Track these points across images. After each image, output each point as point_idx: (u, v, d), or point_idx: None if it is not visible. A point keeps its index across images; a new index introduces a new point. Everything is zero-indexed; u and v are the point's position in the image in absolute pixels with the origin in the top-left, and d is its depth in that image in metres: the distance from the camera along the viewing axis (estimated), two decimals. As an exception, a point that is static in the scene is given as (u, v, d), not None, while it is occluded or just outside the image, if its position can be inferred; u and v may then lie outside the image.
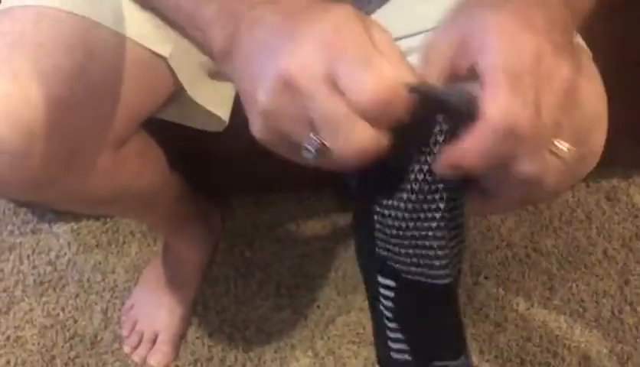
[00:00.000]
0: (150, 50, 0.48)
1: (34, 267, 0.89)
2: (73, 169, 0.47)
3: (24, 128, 0.42)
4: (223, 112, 0.57)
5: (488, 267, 0.88)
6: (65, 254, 0.90)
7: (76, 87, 0.43)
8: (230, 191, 0.93)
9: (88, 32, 0.45)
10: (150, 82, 0.49)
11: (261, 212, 0.93)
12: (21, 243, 0.91)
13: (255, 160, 0.80)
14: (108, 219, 0.93)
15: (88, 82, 0.44)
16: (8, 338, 0.83)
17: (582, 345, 0.82)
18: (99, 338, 0.83)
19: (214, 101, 0.56)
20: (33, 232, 0.92)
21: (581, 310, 0.85)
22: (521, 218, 0.92)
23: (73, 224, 0.92)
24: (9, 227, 0.92)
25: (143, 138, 0.58)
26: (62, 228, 0.92)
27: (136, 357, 0.81)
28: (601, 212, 0.93)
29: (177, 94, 0.53)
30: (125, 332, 0.83)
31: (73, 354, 0.82)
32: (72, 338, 0.83)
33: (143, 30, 0.47)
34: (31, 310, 0.85)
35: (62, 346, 0.82)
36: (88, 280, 0.87)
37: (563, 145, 0.32)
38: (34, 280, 0.87)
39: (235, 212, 0.93)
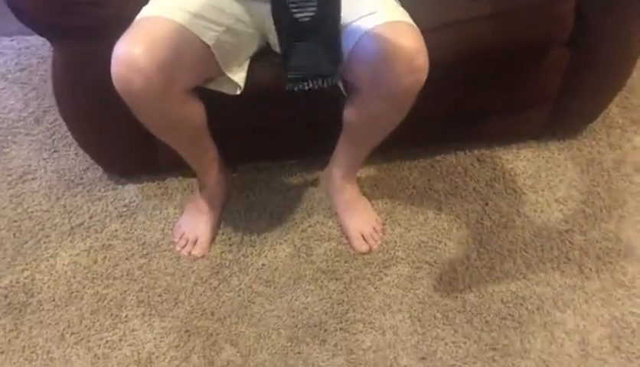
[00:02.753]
0: (200, 39, 1.01)
1: (115, 208, 1.40)
2: (167, 89, 0.97)
3: (149, 64, 0.93)
4: (241, 82, 1.12)
5: (401, 202, 1.42)
6: (134, 201, 1.41)
7: (169, 53, 0.95)
8: (236, 160, 1.46)
9: (176, 27, 0.97)
10: (201, 58, 1.03)
11: (258, 172, 1.46)
12: (106, 196, 1.42)
13: (255, 137, 1.35)
14: (160, 182, 1.45)
15: (176, 52, 0.96)
16: (103, 245, 1.33)
17: (457, 239, 1.35)
18: (159, 243, 1.34)
19: (238, 75, 1.11)
20: (113, 188, 1.43)
21: (454, 218, 1.38)
22: (422, 172, 1.47)
23: (138, 184, 1.44)
24: (98, 186, 1.44)
25: (196, 96, 1.11)
26: (132, 187, 1.44)
27: (184, 252, 1.32)
28: (473, 168, 1.48)
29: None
30: (176, 239, 1.33)
31: (145, 252, 1.32)
32: (143, 244, 1.34)
33: (199, 27, 1.00)
34: (116, 230, 1.36)
35: (137, 248, 1.33)
36: (150, 214, 1.39)
37: None
38: (116, 215, 1.38)
39: (241, 174, 1.46)
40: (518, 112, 1.45)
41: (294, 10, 0.82)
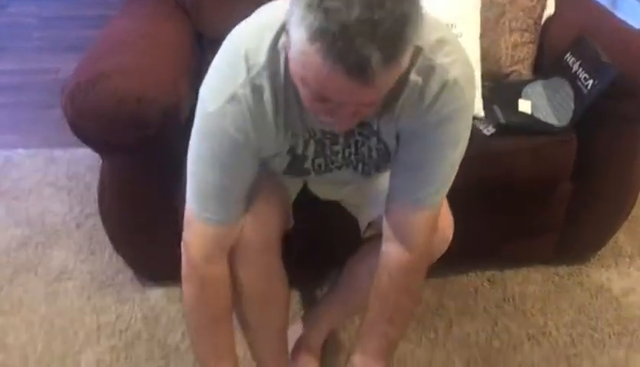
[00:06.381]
0: None
1: (141, 309, 1.48)
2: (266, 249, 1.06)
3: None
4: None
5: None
6: (159, 303, 1.49)
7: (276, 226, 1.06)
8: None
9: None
10: None
11: None
12: (133, 297, 1.51)
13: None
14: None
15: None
16: (126, 345, 1.40)
17: (466, 358, 1.38)
18: (179, 346, 1.40)
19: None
20: (141, 291, 1.52)
21: (464, 337, 1.42)
22: (434, 289, 1.53)
23: (164, 288, 1.53)
24: (127, 287, 1.53)
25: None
26: (158, 291, 1.52)
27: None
28: (483, 288, 1.54)
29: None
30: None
31: (164, 353, 1.38)
32: (163, 346, 1.40)
33: None
34: (139, 331, 1.43)
35: (157, 350, 1.39)
36: (173, 317, 1.46)
37: None
38: (141, 317, 1.46)
39: None
40: (527, 238, 1.52)
41: None
